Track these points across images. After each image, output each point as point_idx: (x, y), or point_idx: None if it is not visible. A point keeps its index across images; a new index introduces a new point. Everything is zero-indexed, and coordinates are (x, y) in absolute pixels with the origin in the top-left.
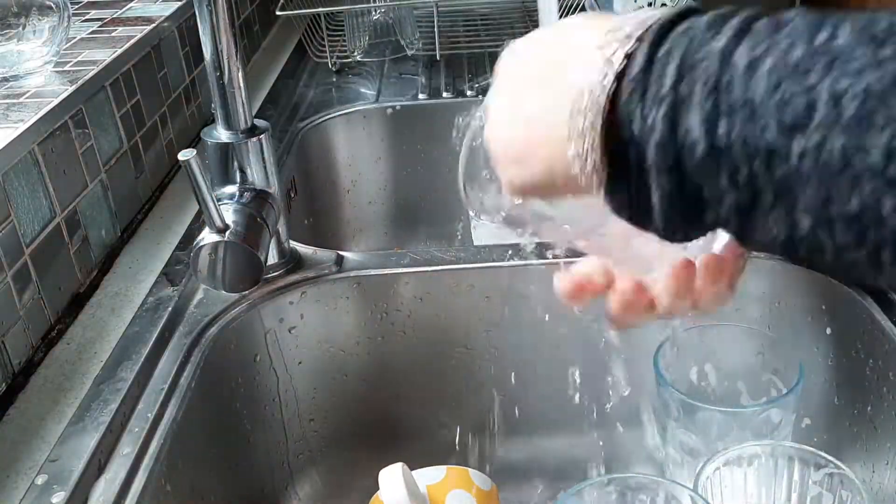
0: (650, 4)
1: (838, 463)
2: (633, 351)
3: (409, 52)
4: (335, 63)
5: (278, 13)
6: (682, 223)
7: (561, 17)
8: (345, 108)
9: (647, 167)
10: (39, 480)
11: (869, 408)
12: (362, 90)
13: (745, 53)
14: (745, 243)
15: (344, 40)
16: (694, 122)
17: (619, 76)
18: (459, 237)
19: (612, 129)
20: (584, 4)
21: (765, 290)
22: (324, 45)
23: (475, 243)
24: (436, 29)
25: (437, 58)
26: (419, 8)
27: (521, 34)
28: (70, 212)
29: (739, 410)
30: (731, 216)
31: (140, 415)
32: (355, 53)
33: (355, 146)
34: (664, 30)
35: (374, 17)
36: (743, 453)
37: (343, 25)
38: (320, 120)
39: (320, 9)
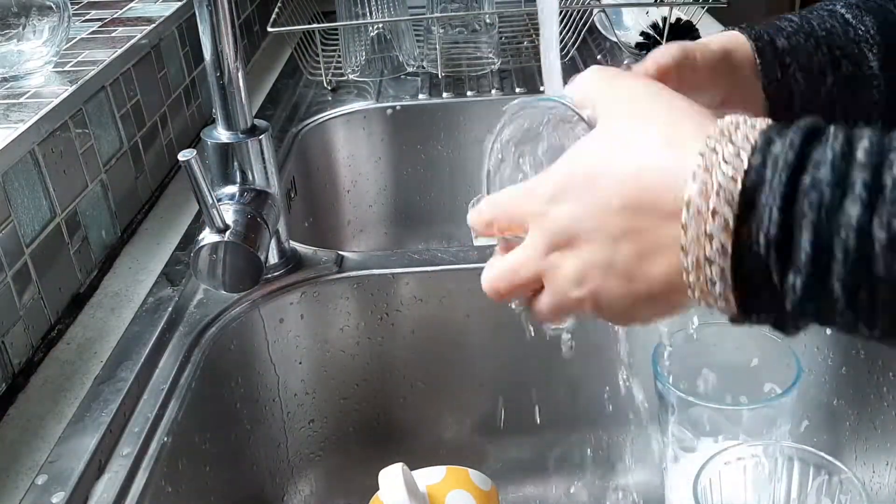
0: (664, 20)
1: (839, 464)
2: (633, 349)
3: (409, 69)
4: (330, 81)
5: (270, 29)
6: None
7: (562, 29)
8: (345, 109)
9: (789, 313)
10: (39, 480)
11: (869, 408)
12: (362, 90)
13: (883, 228)
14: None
15: (339, 56)
16: (836, 289)
17: (741, 217)
18: (459, 237)
19: (743, 271)
20: (592, 20)
21: None
22: (318, 62)
23: (475, 243)
24: (438, 50)
25: (440, 76)
26: (419, 24)
27: (529, 47)
28: (70, 212)
29: (736, 408)
30: (861, 332)
31: (140, 415)
32: (349, 72)
33: (355, 146)
34: (789, 178)
35: (372, 34)
36: (743, 454)
37: (337, 40)
38: (320, 120)
39: (314, 25)
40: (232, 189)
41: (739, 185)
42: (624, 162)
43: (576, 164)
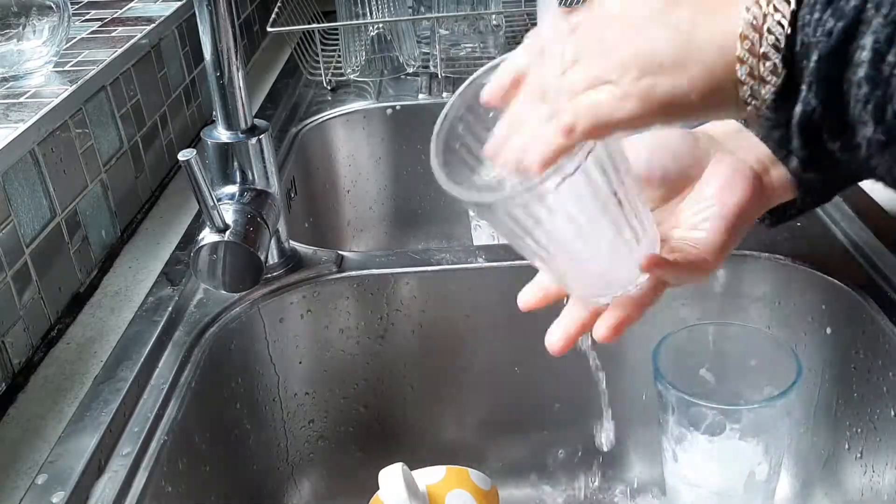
0: None
1: None
2: (633, 349)
3: (409, 70)
4: (330, 81)
5: (269, 29)
6: (816, 148)
7: None
8: (345, 108)
9: (808, 75)
10: (40, 480)
11: (869, 408)
12: (362, 90)
13: None
14: (868, 174)
15: (339, 56)
16: (867, 43)
17: None
18: (459, 237)
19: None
20: None
21: (765, 290)
22: (318, 62)
23: (475, 243)
24: (438, 50)
25: (440, 76)
26: (419, 22)
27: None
28: (70, 212)
29: (736, 408)
30: (863, 145)
31: (140, 415)
32: (349, 72)
33: (355, 146)
34: None
35: (372, 34)
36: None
37: (337, 40)
38: (320, 120)
39: (314, 25)
40: (232, 189)
41: None
42: None
43: None
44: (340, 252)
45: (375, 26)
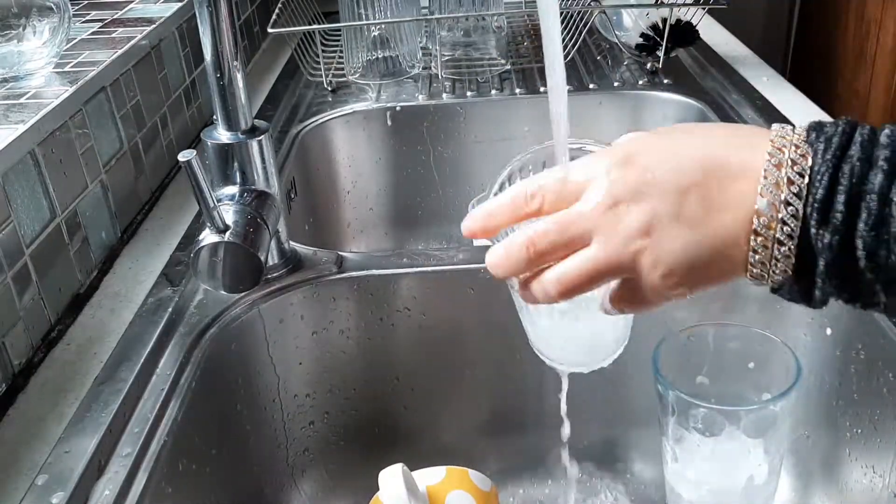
0: (664, 21)
1: None
2: (633, 349)
3: (411, 72)
4: (330, 82)
5: (270, 30)
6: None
7: (564, 30)
8: (345, 109)
9: (819, 273)
10: (39, 481)
11: (869, 408)
12: (362, 91)
13: None
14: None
15: (340, 57)
16: (860, 246)
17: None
18: (459, 238)
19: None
20: (594, 21)
21: (765, 290)
22: (318, 63)
23: (475, 244)
24: (438, 52)
25: (440, 76)
26: (426, 26)
27: (529, 48)
28: (70, 212)
29: (735, 409)
30: (879, 300)
31: (140, 415)
32: (350, 73)
33: (355, 147)
34: (833, 159)
35: (373, 35)
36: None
37: (338, 41)
38: (320, 121)
39: (315, 26)
40: (232, 189)
41: (809, 162)
42: (695, 136)
43: (648, 135)
44: (340, 253)
45: (376, 27)
